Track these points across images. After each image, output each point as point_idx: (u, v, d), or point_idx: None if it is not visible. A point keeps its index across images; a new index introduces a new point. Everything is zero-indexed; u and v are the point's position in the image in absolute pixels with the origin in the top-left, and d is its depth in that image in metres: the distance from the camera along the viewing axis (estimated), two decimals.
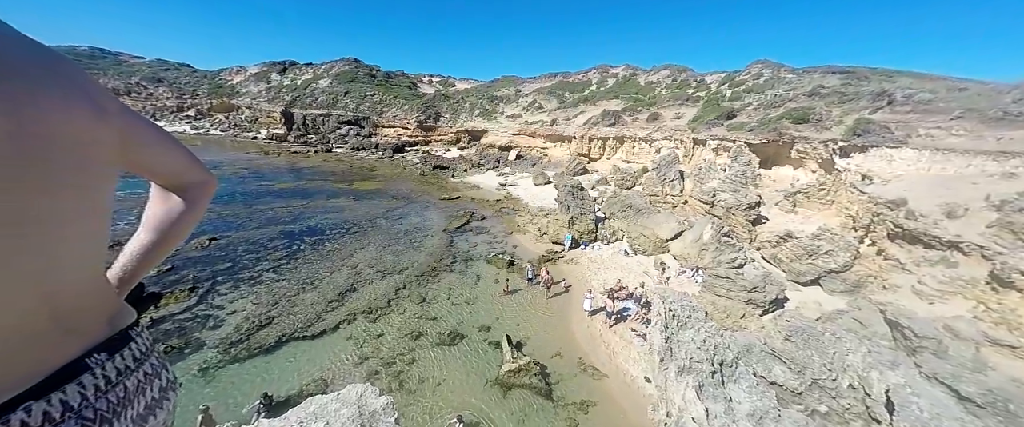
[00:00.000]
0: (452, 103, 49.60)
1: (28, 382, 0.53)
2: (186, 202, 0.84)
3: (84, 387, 0.59)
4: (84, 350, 0.62)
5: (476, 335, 10.65)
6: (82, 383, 0.59)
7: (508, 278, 13.64)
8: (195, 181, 0.86)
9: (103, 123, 0.62)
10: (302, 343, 9.84)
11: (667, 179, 21.80)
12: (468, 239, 18.34)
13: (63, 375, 0.57)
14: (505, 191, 28.52)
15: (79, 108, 0.58)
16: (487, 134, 43.55)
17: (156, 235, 0.83)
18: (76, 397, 0.58)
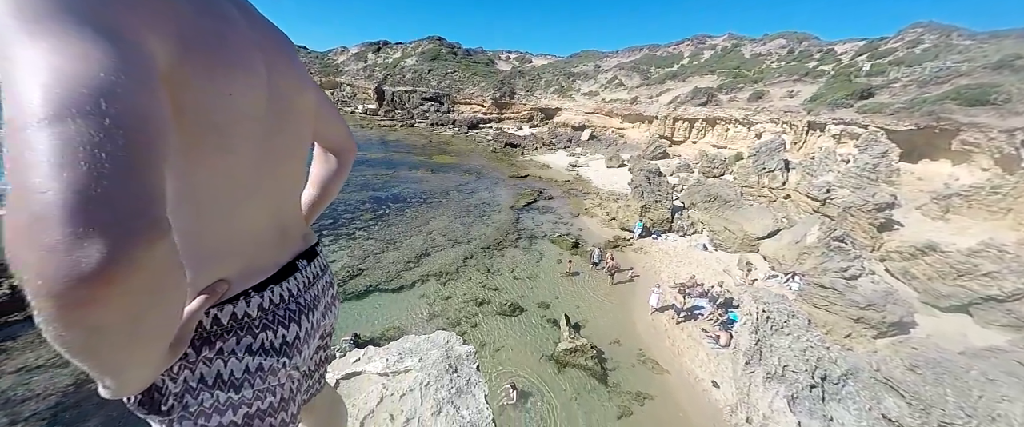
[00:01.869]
0: (527, 80, 49.08)
1: (270, 271, 0.72)
2: (339, 164, 1.01)
3: (297, 281, 0.77)
4: (294, 255, 0.80)
5: (535, 310, 10.91)
6: (296, 278, 0.77)
7: (571, 259, 13.52)
8: (347, 147, 1.02)
9: (311, 93, 0.80)
10: (384, 294, 11.20)
11: (767, 168, 18.90)
12: (534, 217, 18.51)
13: (286, 271, 0.76)
14: (575, 172, 27.81)
15: (303, 80, 0.76)
16: (560, 112, 42.43)
17: (319, 190, 1.00)
18: (294, 288, 0.76)
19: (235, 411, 0.67)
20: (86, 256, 0.30)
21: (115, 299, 0.33)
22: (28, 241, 0.30)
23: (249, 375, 0.66)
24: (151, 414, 0.61)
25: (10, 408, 6.72)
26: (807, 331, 3.04)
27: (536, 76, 49.30)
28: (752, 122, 25.89)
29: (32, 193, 0.30)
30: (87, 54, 0.35)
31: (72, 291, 0.30)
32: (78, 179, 0.31)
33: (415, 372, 1.81)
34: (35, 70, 0.33)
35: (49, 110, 0.32)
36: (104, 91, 0.34)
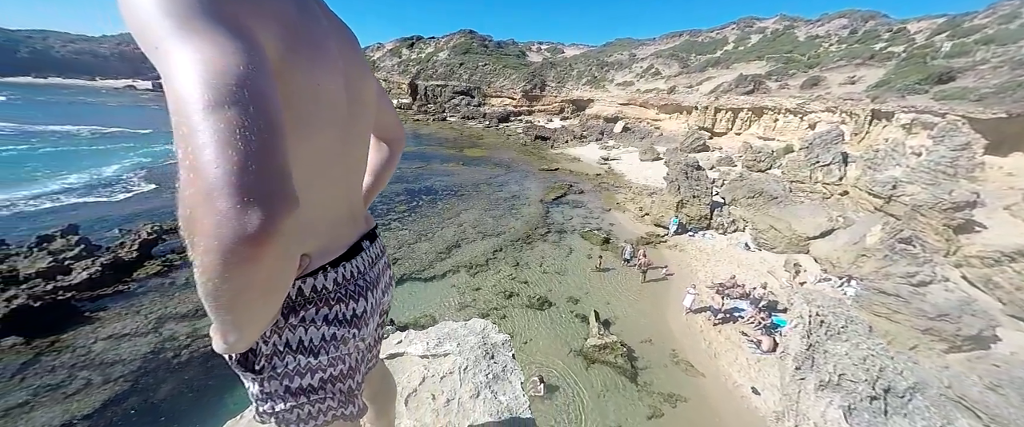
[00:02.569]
0: (558, 71, 48.22)
1: (343, 249, 0.80)
2: (391, 152, 1.08)
3: (363, 260, 0.85)
4: (360, 235, 0.88)
5: (564, 305, 10.85)
6: (362, 257, 0.85)
7: (602, 255, 13.26)
8: (398, 136, 1.10)
9: (373, 84, 0.86)
10: (417, 283, 11.61)
11: (821, 162, 17.36)
12: (564, 211, 18.31)
13: (353, 250, 0.83)
14: (607, 165, 27.11)
15: (367, 72, 0.83)
16: (593, 104, 41.36)
17: (374, 177, 1.06)
18: (361, 265, 0.84)
19: (313, 375, 0.76)
20: (250, 221, 0.37)
21: (265, 259, 0.40)
22: (205, 208, 0.37)
23: (325, 343, 0.75)
24: (247, 372, 0.71)
25: (103, 369, 7.75)
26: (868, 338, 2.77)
27: (568, 67, 48.30)
28: (805, 111, 23.82)
29: (206, 169, 0.36)
30: (228, 50, 0.41)
31: (238, 249, 0.37)
32: (238, 158, 0.37)
33: (454, 356, 1.87)
34: (192, 64, 0.39)
35: (209, 99, 0.38)
36: (245, 82, 0.40)
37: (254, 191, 0.37)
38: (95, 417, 6.78)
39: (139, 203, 16.79)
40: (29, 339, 8.18)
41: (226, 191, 0.36)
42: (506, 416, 1.56)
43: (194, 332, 8.92)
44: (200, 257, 0.39)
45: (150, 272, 11.00)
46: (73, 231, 12.27)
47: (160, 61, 0.41)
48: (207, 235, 0.37)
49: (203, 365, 8.13)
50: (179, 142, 0.38)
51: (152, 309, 9.52)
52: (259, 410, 0.77)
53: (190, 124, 0.38)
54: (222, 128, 0.37)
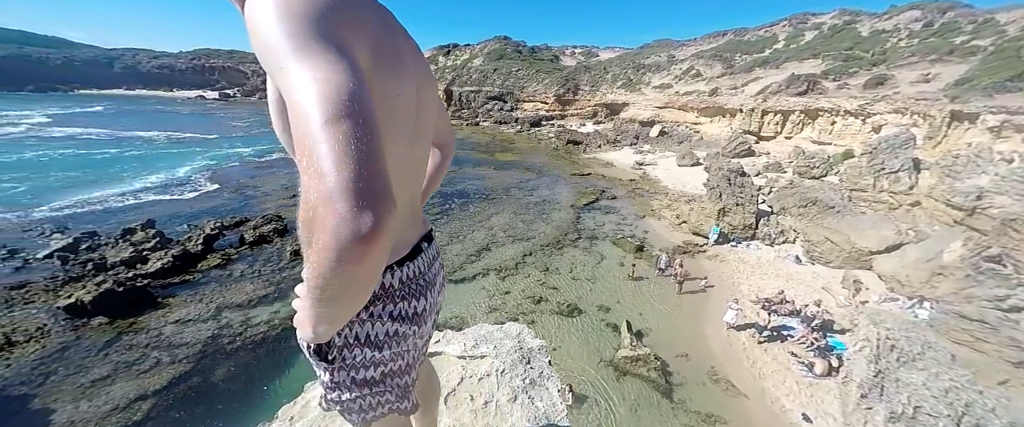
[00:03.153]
0: (592, 75, 47.61)
1: (407, 249, 0.84)
2: (442, 157, 1.13)
3: (423, 260, 0.89)
4: (420, 237, 0.92)
5: (594, 313, 10.58)
6: (422, 257, 0.89)
7: (635, 263, 12.81)
8: (450, 142, 1.14)
9: (435, 92, 0.91)
10: (448, 284, 11.81)
11: (888, 169, 15.69)
12: (595, 217, 17.94)
13: (415, 251, 0.87)
14: (641, 170, 26.26)
15: (432, 81, 0.88)
16: (627, 107, 40.35)
17: (428, 181, 1.11)
18: (422, 265, 0.88)
19: (376, 368, 0.82)
20: (364, 223, 0.41)
21: (372, 256, 0.44)
22: (326, 210, 0.41)
23: (389, 338, 0.80)
24: (321, 361, 0.77)
25: (170, 349, 8.61)
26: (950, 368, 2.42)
27: (602, 70, 47.57)
28: (868, 113, 21.71)
29: (327, 176, 0.41)
30: (339, 68, 0.46)
31: (353, 247, 0.42)
32: (354, 166, 0.41)
33: (491, 359, 1.88)
34: (311, 82, 0.44)
35: (328, 113, 0.43)
36: (356, 97, 0.45)
37: (367, 196, 0.41)
38: (163, 393, 7.53)
39: (204, 201, 18.59)
40: (112, 319, 9.29)
41: (345, 196, 0.40)
42: (543, 423, 1.54)
43: (246, 320, 9.69)
44: (317, 253, 0.43)
45: (211, 264, 12.11)
46: (151, 225, 13.82)
47: (283, 80, 0.46)
48: (327, 234, 0.41)
49: (254, 352, 8.78)
50: (302, 151, 0.43)
51: (212, 298, 10.46)
52: (327, 397, 0.85)
53: (312, 136, 0.42)
54: (339, 139, 0.42)
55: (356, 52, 0.51)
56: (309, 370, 0.81)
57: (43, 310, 9.47)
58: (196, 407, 7.34)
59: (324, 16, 0.49)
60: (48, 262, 11.75)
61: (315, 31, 0.47)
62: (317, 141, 0.42)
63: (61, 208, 16.76)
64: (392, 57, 0.65)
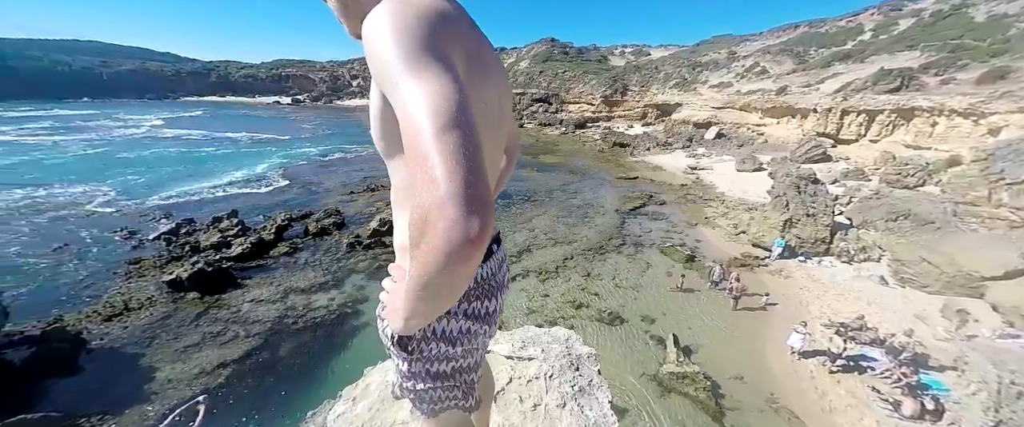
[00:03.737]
0: (643, 75, 45.65)
1: None
2: (508, 160, 1.17)
3: (494, 262, 0.93)
4: (491, 239, 0.97)
5: (637, 323, 10.11)
6: (493, 259, 0.92)
7: (684, 274, 12.02)
8: (517, 145, 1.20)
9: (511, 97, 0.95)
10: None
11: (1009, 179, 13.12)
12: (641, 223, 17.15)
13: (487, 252, 0.89)
14: (694, 175, 24.65)
15: (510, 88, 0.92)
16: (680, 108, 38.13)
17: (494, 184, 1.17)
18: (494, 266, 0.92)
19: (448, 363, 0.88)
20: (472, 227, 0.44)
21: (476, 258, 0.47)
22: (438, 214, 0.44)
23: (462, 335, 0.85)
24: (402, 352, 0.83)
25: (246, 325, 9.73)
26: None
27: (653, 70, 45.45)
28: (983, 113, 18.34)
29: (440, 183, 0.44)
30: (446, 81, 0.50)
31: (461, 250, 0.45)
32: (464, 174, 0.44)
33: (539, 361, 1.88)
34: (424, 96, 0.48)
35: (440, 124, 0.46)
36: (462, 108, 0.48)
37: (475, 202, 0.44)
38: (238, 362, 8.54)
39: (276, 195, 20.80)
40: (202, 295, 10.73)
41: (455, 202, 0.43)
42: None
43: (308, 304, 10.65)
44: (426, 253, 0.47)
45: (281, 252, 13.50)
46: (234, 215, 15.75)
47: (396, 93, 0.50)
48: (437, 236, 0.44)
49: (313, 333, 9.63)
50: (415, 159, 0.46)
51: (281, 282, 11.66)
52: (402, 385, 0.92)
53: (425, 145, 0.45)
54: (450, 149, 0.45)
55: (456, 64, 0.55)
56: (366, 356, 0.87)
57: (152, 283, 11.20)
58: (265, 377, 8.21)
59: (432, 33, 0.53)
60: (156, 243, 13.89)
61: (425, 48, 0.51)
62: (429, 150, 0.45)
63: (168, 197, 19.74)
64: (482, 67, 0.69)
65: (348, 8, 0.73)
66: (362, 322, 10.24)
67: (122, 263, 12.40)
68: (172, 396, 7.62)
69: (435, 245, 0.45)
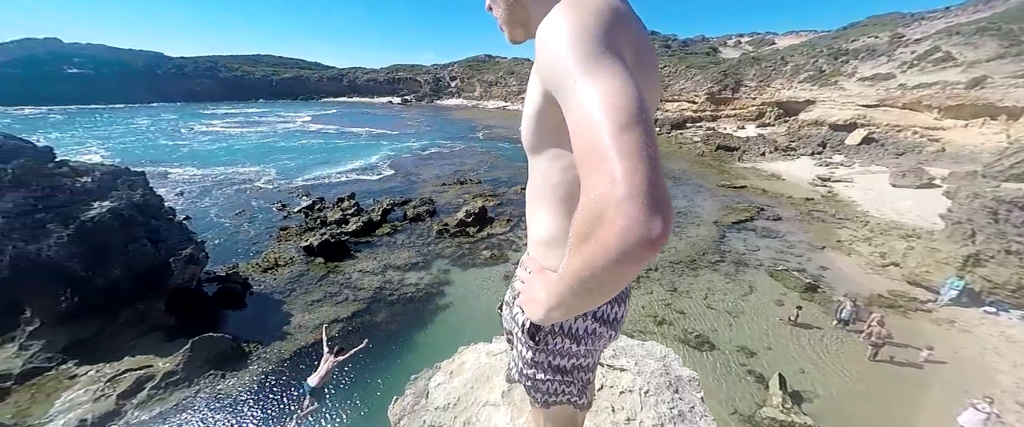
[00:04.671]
0: (763, 67, 39.22)
1: None
2: None
3: None
4: None
5: (732, 353, 8.82)
6: None
7: (800, 306, 10.03)
8: None
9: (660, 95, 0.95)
10: None
11: None
12: (747, 239, 14.86)
13: None
14: (826, 188, 20.32)
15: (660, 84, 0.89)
16: (812, 106, 31.71)
17: None
18: None
19: (569, 359, 0.91)
20: (654, 228, 0.42)
21: (648, 259, 0.46)
22: (617, 211, 0.43)
23: (587, 335, 0.87)
24: (530, 340, 0.87)
25: (354, 291, 11.48)
26: None
27: (778, 61, 38.65)
28: None
29: (620, 181, 0.43)
30: (625, 79, 0.49)
31: (637, 249, 0.43)
32: (647, 173, 0.43)
33: (631, 374, 1.79)
34: (603, 94, 0.48)
35: (621, 122, 0.45)
36: (642, 105, 0.48)
37: (658, 202, 0.43)
38: (347, 320, 10.16)
39: (383, 183, 23.96)
40: (326, 261, 13.00)
41: (638, 200, 0.42)
42: None
43: (402, 280, 12.05)
44: (595, 250, 0.46)
45: (384, 232, 15.53)
46: (352, 197, 18.66)
47: (572, 93, 0.51)
48: (612, 234, 0.43)
49: (404, 307, 10.87)
50: (591, 157, 0.46)
51: (382, 258, 13.42)
52: (523, 372, 0.95)
53: (604, 143, 0.45)
54: (631, 146, 0.44)
55: (629, 62, 0.54)
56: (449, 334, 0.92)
57: (293, 247, 14.00)
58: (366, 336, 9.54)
59: (609, 32, 0.53)
60: (298, 215, 17.30)
61: (603, 47, 0.51)
62: (609, 148, 0.44)
63: (308, 179, 24.41)
64: (649, 65, 0.67)
65: (513, 14, 0.76)
66: (445, 302, 11.17)
67: (275, 229, 15.80)
68: (300, 338, 9.46)
69: (608, 242, 0.44)
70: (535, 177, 0.84)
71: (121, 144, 35.72)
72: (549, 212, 0.81)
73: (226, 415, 7.52)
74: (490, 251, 14.00)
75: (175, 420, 7.36)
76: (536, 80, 0.69)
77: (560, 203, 0.78)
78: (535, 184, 0.85)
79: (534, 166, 0.82)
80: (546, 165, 0.77)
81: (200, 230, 14.15)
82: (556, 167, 0.75)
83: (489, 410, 1.77)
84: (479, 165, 28.11)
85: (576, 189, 0.73)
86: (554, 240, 0.81)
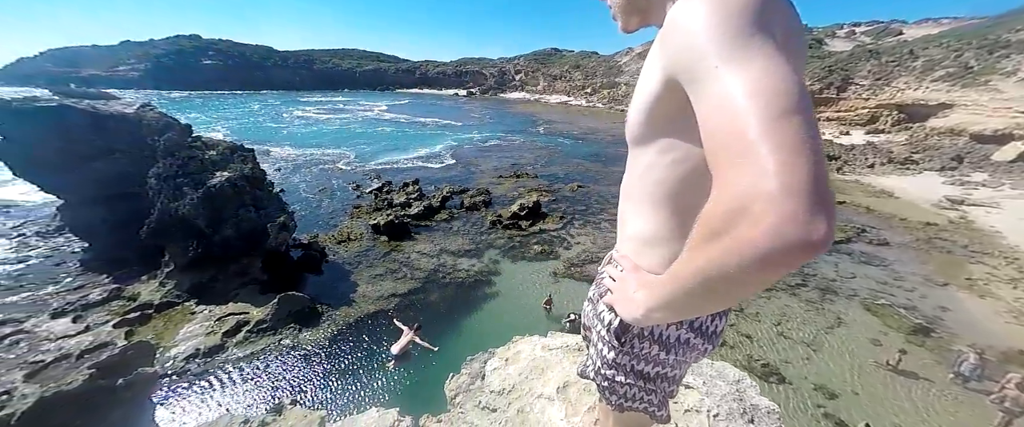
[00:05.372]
0: (882, 63, 33.06)
1: None
2: None
3: None
4: None
5: (808, 391, 7.75)
6: None
7: (905, 350, 8.42)
8: None
9: None
10: None
11: None
12: (839, 263, 12.83)
13: None
14: (957, 211, 16.66)
15: None
16: (949, 111, 26.01)
17: None
18: None
19: (654, 366, 0.86)
20: (815, 229, 0.37)
21: (799, 263, 0.39)
22: (768, 206, 0.38)
23: (679, 345, 0.81)
24: (615, 339, 0.83)
25: (411, 270, 12.32)
26: None
27: (905, 55, 32.23)
28: None
29: (773, 174, 0.38)
30: (781, 62, 0.43)
31: (791, 251, 0.38)
32: (809, 166, 0.38)
33: (698, 393, 1.69)
34: (753, 79, 0.42)
35: (777, 109, 0.40)
36: (801, 92, 0.42)
37: (823, 200, 0.37)
38: (404, 295, 10.98)
39: (445, 171, 25.19)
40: (389, 240, 14.14)
41: (798, 196, 0.37)
42: None
43: (455, 265, 12.63)
44: (732, 248, 0.41)
45: (441, 218, 16.38)
46: (416, 182, 19.94)
47: (714, 80, 0.45)
48: (759, 232, 0.38)
49: (455, 290, 11.40)
50: (733, 147, 0.41)
51: (438, 242, 14.20)
52: (600, 371, 0.91)
53: (754, 132, 0.40)
54: (789, 137, 0.39)
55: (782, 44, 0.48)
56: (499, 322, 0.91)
57: (363, 224, 15.44)
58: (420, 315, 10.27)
59: (760, 12, 0.47)
60: (369, 196, 18.99)
61: (755, 28, 0.46)
62: (760, 138, 0.39)
63: (380, 163, 26.62)
64: (799, 49, 0.59)
65: (634, 2, 0.72)
66: (493, 291, 11.47)
67: (350, 206, 17.54)
68: (363, 307, 10.46)
69: (752, 241, 0.39)
70: (636, 170, 0.78)
71: (238, 124, 42.41)
72: (650, 208, 0.76)
73: (300, 363, 8.66)
74: (540, 246, 14.00)
75: (262, 361, 8.67)
76: (656, 66, 0.62)
77: (665, 199, 0.72)
78: (636, 178, 0.79)
79: (637, 158, 0.77)
80: (653, 157, 0.71)
81: (291, 202, 16.27)
82: (664, 160, 0.69)
83: (543, 403, 1.77)
84: (537, 159, 28.09)
85: (684, 186, 0.68)
86: (654, 238, 0.76)
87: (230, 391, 7.95)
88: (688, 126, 0.60)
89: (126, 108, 13.63)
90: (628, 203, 0.85)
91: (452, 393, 2.20)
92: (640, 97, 0.69)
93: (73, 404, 4.61)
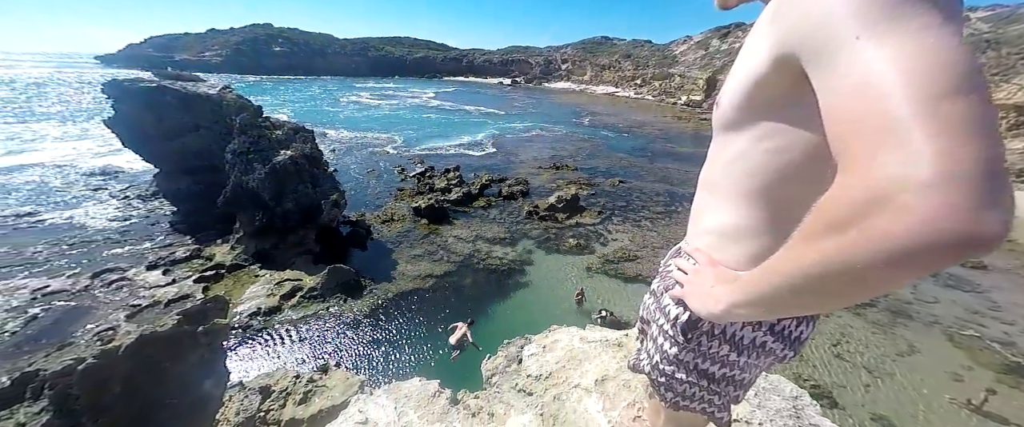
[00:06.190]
0: (1002, 54, 27.82)
1: None
2: None
3: None
4: None
5: (864, 420, 7.03)
6: None
7: (994, 390, 7.30)
8: None
9: None
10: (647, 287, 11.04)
11: None
12: (919, 285, 11.30)
13: None
14: None
15: None
16: None
17: None
18: None
19: (721, 368, 0.80)
20: (985, 223, 0.31)
21: (952, 261, 0.34)
22: (921, 196, 0.32)
23: (754, 348, 0.74)
24: (681, 335, 0.78)
25: (447, 253, 12.76)
26: None
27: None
28: None
29: (934, 160, 0.32)
30: (951, 32, 0.36)
31: (949, 248, 0.32)
32: (984, 152, 0.32)
33: (749, 405, 1.61)
34: (910, 52, 0.36)
35: (944, 86, 0.34)
36: (976, 68, 0.35)
37: (1000, 192, 0.32)
38: (440, 277, 11.45)
39: (485, 159, 25.52)
40: (429, 223, 14.71)
41: (962, 184, 0.31)
42: None
43: (489, 252, 12.88)
44: (862, 240, 0.36)
45: (479, 205, 16.69)
46: (457, 169, 20.42)
47: (852, 53, 0.39)
48: (905, 224, 0.33)
49: (487, 277, 11.66)
50: (873, 127, 0.36)
51: (474, 228, 14.52)
52: (657, 366, 0.86)
53: (909, 113, 0.34)
54: (954, 121, 0.33)
55: None
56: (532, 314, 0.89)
57: (405, 206, 16.19)
58: (453, 297, 10.68)
59: None
60: (413, 179, 19.82)
61: None
62: (916, 120, 0.33)
63: (424, 149, 27.58)
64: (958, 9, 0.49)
65: None
66: (525, 281, 11.57)
67: (394, 188, 18.44)
68: (402, 285, 11.05)
69: (890, 233, 0.33)
70: (724, 157, 0.70)
71: (301, 107, 45.88)
72: (736, 199, 0.68)
73: (345, 330, 9.41)
74: (576, 240, 13.80)
75: (313, 325, 9.53)
76: (763, 44, 0.54)
77: (756, 191, 0.65)
78: (721, 165, 0.71)
79: (725, 145, 0.69)
80: (745, 145, 0.64)
81: (342, 181, 17.45)
82: (759, 148, 0.62)
83: (580, 393, 1.78)
84: (578, 152, 27.49)
85: (779, 177, 0.60)
86: (737, 232, 0.69)
87: (285, 348, 8.87)
88: (793, 112, 0.54)
89: (210, 90, 15.31)
90: (708, 193, 0.77)
91: (488, 373, 2.27)
92: (737, 79, 0.62)
93: (163, 343, 5.42)
